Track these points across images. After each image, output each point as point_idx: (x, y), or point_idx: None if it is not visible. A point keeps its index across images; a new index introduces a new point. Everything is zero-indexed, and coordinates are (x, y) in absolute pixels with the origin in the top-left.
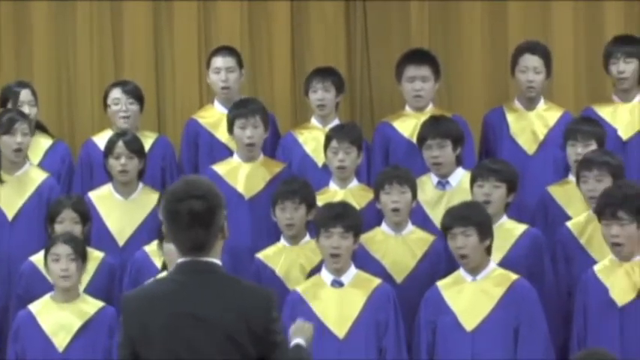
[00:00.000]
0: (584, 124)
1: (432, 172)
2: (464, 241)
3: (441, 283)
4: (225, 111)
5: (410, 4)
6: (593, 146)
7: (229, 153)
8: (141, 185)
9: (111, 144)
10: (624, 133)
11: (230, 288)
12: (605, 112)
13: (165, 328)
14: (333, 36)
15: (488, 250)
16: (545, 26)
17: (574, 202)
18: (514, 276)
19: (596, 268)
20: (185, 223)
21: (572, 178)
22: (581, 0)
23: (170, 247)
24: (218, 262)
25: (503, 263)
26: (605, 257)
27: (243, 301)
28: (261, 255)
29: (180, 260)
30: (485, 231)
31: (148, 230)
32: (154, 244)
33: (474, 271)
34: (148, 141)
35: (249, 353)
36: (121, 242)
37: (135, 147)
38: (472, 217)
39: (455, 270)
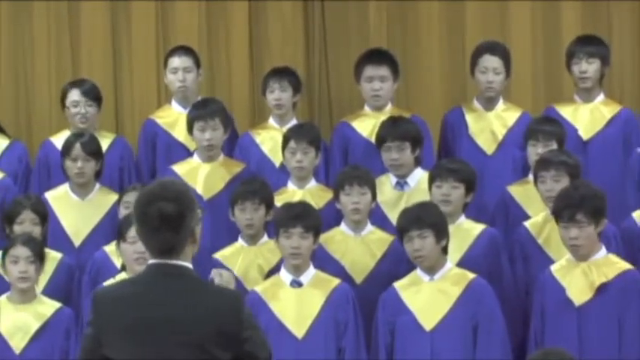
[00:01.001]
0: (545, 125)
1: (390, 172)
2: (421, 243)
3: (398, 284)
4: (182, 111)
5: (368, 5)
6: (554, 146)
7: (187, 153)
8: (97, 186)
9: (68, 145)
10: (585, 133)
11: (199, 291)
12: (566, 111)
13: (133, 330)
14: (291, 36)
15: (445, 250)
16: (502, 27)
17: (534, 202)
18: (471, 275)
19: (554, 267)
20: (154, 226)
21: (532, 178)
22: (538, 0)
23: (127, 247)
24: (188, 265)
25: (462, 263)
26: (562, 257)
27: (212, 304)
28: (218, 255)
29: (150, 262)
30: (441, 231)
31: (104, 231)
32: (113, 244)
33: (430, 271)
34: (105, 141)
35: (218, 356)
36: (76, 243)
37: (92, 149)
38: (428, 219)
39: (414, 270)
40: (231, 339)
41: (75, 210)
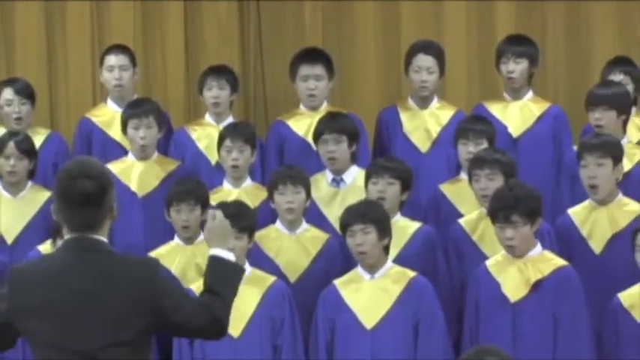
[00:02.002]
0: (474, 123)
1: (327, 168)
2: (363, 238)
3: (338, 282)
4: (118, 109)
5: (304, 4)
6: (484, 145)
7: (123, 151)
8: (30, 183)
9: (2, 143)
10: (515, 130)
11: (114, 264)
12: (495, 109)
13: (50, 305)
14: (227, 35)
15: (387, 249)
16: (437, 26)
17: (466, 199)
18: (412, 273)
19: (489, 263)
20: (77, 202)
21: (463, 176)
22: (473, 0)
23: None
24: (104, 239)
25: (398, 261)
26: (496, 254)
27: (126, 274)
28: (154, 254)
29: (67, 237)
30: (384, 229)
31: (37, 229)
32: (48, 242)
33: (372, 269)
34: (40, 137)
35: (137, 328)
36: (9, 240)
37: (25, 147)
38: (371, 215)
39: (351, 269)
40: (148, 306)
41: (7, 208)
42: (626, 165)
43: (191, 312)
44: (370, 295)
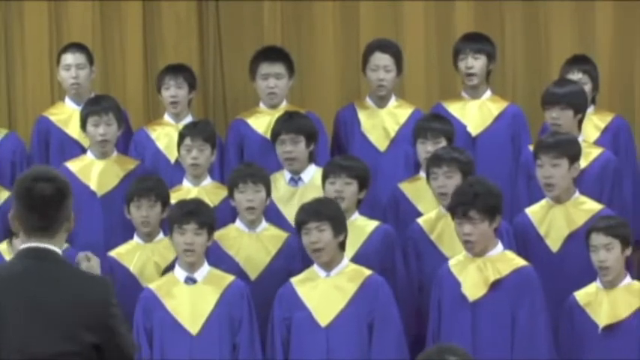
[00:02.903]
0: (433, 122)
1: (284, 167)
2: (318, 235)
3: (294, 279)
4: (76, 107)
5: (263, 4)
6: (443, 143)
7: (81, 149)
8: None
9: None
10: (473, 129)
11: (68, 277)
12: (454, 108)
13: (4, 311)
14: (186, 33)
15: (342, 246)
16: (396, 25)
17: (424, 198)
18: (367, 272)
19: (451, 262)
20: (36, 204)
21: (422, 174)
22: (432, 0)
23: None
24: (58, 250)
25: (356, 259)
26: (455, 253)
27: (81, 290)
28: (114, 253)
29: (22, 246)
30: (339, 226)
31: None
32: (5, 242)
33: (327, 266)
34: None
35: (85, 341)
36: None
37: None
38: (326, 212)
39: (309, 266)
40: (98, 324)
41: None
42: (582, 163)
43: (129, 341)
44: (326, 292)
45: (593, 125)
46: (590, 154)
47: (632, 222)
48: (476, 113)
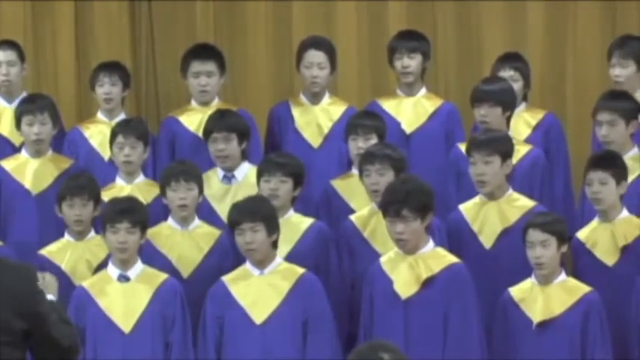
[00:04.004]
0: (364, 119)
1: (217, 165)
2: (252, 236)
3: (227, 278)
4: (6, 105)
5: (195, 2)
6: (374, 140)
7: (12, 148)
8: None
9: None
10: (408, 126)
11: None
12: (389, 105)
13: None
14: (118, 31)
15: (275, 245)
16: (328, 23)
17: (357, 195)
18: (301, 270)
19: (383, 260)
20: None
21: (355, 171)
22: (364, 0)
23: None
24: None
25: (291, 257)
26: (388, 250)
27: (5, 278)
28: (45, 252)
29: None
30: (273, 226)
31: None
32: None
33: (260, 265)
34: None
35: (15, 329)
36: None
37: None
38: (260, 213)
39: (242, 264)
40: (26, 310)
41: None
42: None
43: (63, 332)
44: (259, 290)
45: (525, 122)
46: (518, 151)
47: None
48: (410, 111)
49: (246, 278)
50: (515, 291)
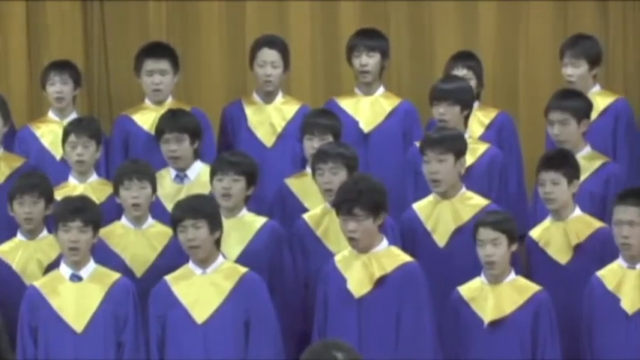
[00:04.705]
0: (320, 118)
1: (170, 165)
2: (194, 233)
3: (169, 277)
4: None
5: (148, 2)
6: (330, 139)
7: None
8: None
9: None
10: (365, 125)
11: None
12: (347, 104)
13: None
14: (70, 30)
15: (218, 243)
16: (281, 22)
17: (311, 194)
18: (243, 269)
19: (337, 258)
20: None
21: (309, 170)
22: (317, 0)
23: None
24: None
25: (244, 256)
26: (341, 249)
27: None
28: None
29: None
30: (216, 223)
31: None
32: None
33: (203, 263)
34: None
35: None
36: None
37: None
38: (202, 210)
39: None
40: None
41: None
42: (468, 160)
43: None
44: (201, 289)
45: (478, 121)
46: (476, 149)
47: (516, 217)
48: (368, 110)
49: (188, 277)
50: (465, 290)
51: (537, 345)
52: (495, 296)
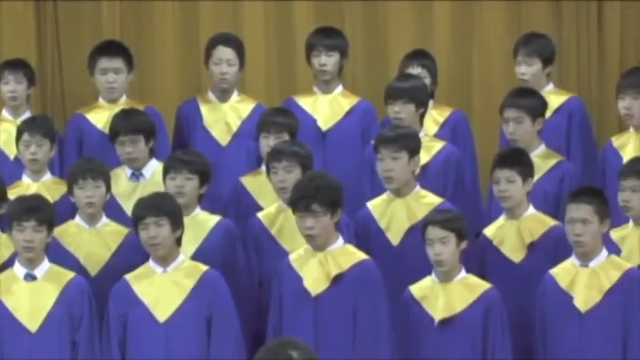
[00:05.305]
0: (276, 117)
1: (125, 165)
2: (156, 230)
3: (129, 276)
4: None
5: (101, 3)
6: (286, 138)
7: None
8: None
9: None
10: (323, 123)
11: None
12: (305, 102)
13: None
14: (23, 28)
15: (179, 242)
16: (235, 21)
17: (266, 192)
18: (204, 267)
19: (292, 257)
20: None
21: (263, 168)
22: (271, 0)
23: None
24: None
25: (198, 255)
26: (295, 248)
27: None
28: None
29: None
30: (177, 221)
31: None
32: None
33: (164, 262)
34: None
35: None
36: None
37: None
38: (164, 208)
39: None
40: None
41: None
42: (424, 158)
43: None
44: (162, 288)
45: (432, 119)
46: (432, 147)
47: (471, 215)
48: (327, 108)
49: (149, 276)
50: (416, 289)
51: (487, 343)
52: (446, 295)
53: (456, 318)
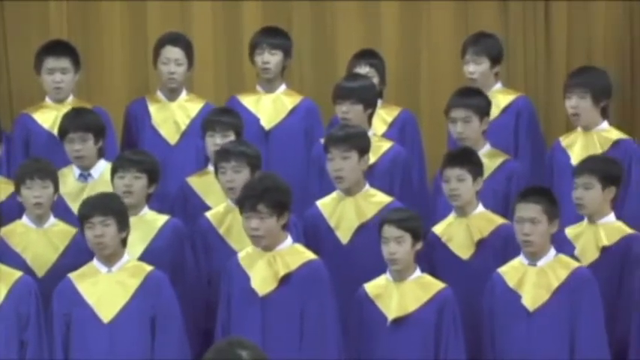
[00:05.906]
0: (221, 116)
1: (74, 164)
2: (102, 230)
3: (73, 275)
4: None
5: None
6: (232, 137)
7: None
8: None
9: None
10: (267, 122)
11: None
12: (248, 101)
13: None
14: None
15: (124, 242)
16: (183, 21)
17: (213, 192)
18: (149, 267)
19: (240, 256)
20: None
21: (211, 168)
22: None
23: None
24: None
25: (146, 254)
26: (244, 247)
27: None
28: None
29: None
30: (124, 222)
31: None
32: None
33: (109, 261)
34: None
35: None
36: None
37: None
38: (112, 207)
39: None
40: None
41: None
42: (371, 157)
43: None
44: (107, 288)
45: (381, 119)
46: (380, 147)
47: (419, 213)
48: (270, 107)
49: (93, 275)
50: (371, 287)
51: (441, 343)
52: (400, 293)
53: (409, 317)
